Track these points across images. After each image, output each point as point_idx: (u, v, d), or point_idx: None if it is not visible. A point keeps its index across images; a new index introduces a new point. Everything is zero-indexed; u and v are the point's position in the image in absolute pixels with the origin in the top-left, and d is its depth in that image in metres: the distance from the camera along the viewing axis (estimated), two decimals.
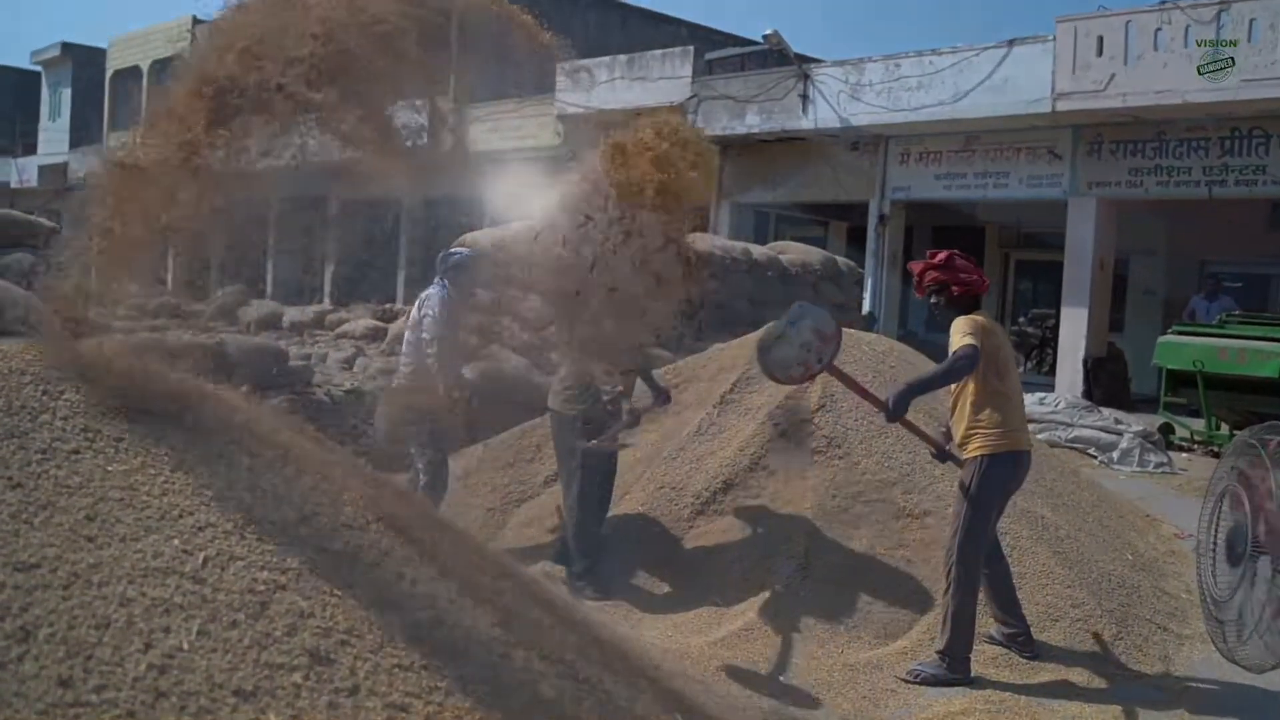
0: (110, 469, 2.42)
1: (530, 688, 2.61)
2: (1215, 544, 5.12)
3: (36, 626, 2.00)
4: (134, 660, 2.01)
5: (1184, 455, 11.04)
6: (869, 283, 16.31)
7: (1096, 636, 5.29)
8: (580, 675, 2.84)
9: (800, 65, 16.62)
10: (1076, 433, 10.82)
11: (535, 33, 3.62)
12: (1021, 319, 19.60)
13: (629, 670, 3.33)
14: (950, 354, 4.83)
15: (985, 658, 5.06)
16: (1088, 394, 13.77)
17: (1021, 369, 13.26)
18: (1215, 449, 10.62)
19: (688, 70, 17.73)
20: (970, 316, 4.94)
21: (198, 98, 2.88)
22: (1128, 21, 13.29)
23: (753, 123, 16.92)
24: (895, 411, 4.76)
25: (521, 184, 5.42)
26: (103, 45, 33.16)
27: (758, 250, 13.09)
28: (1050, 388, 13.83)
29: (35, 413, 2.48)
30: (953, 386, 5.07)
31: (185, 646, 2.07)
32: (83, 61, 34.77)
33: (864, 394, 5.07)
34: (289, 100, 2.86)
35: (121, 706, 1.93)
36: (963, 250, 5.30)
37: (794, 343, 4.85)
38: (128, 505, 2.34)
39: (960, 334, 4.83)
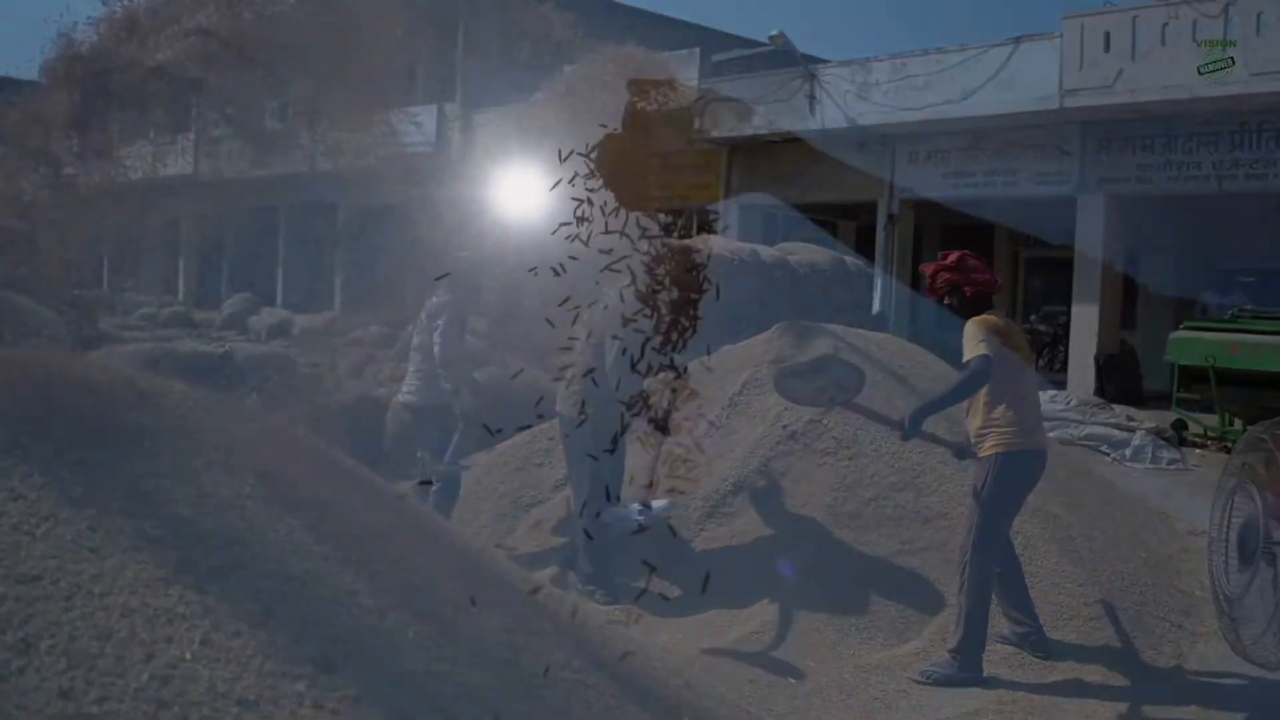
0: (113, 478, 2.42)
1: (538, 694, 2.60)
2: (1227, 540, 5.07)
3: (38, 638, 1.99)
4: (136, 671, 2.01)
5: (1197, 451, 10.97)
6: (878, 282, 16.25)
7: (1107, 606, 5.30)
8: (588, 680, 2.83)
9: (806, 66, 16.58)
10: (1088, 430, 10.75)
11: (534, 8, 3.41)
12: (1033, 317, 19.52)
13: (638, 675, 3.32)
14: (964, 364, 4.83)
15: (997, 657, 5.03)
16: (1099, 391, 13.69)
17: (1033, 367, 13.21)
18: (1228, 445, 10.54)
19: (694, 72, 17.69)
20: (983, 318, 4.92)
21: (64, 86, 2.32)
22: (1134, 17, 13.22)
23: (759, 124, 16.88)
24: (910, 432, 4.92)
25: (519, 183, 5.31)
26: None
27: (766, 251, 13.04)
28: (1062, 385, 13.76)
29: (37, 422, 2.48)
30: None
31: (188, 656, 2.07)
32: None
33: (878, 419, 5.23)
34: (177, 86, 2.23)
35: (124, 718, 1.93)
36: (972, 248, 5.31)
37: (811, 384, 5.11)
38: (130, 515, 2.34)
39: (973, 341, 4.81)
